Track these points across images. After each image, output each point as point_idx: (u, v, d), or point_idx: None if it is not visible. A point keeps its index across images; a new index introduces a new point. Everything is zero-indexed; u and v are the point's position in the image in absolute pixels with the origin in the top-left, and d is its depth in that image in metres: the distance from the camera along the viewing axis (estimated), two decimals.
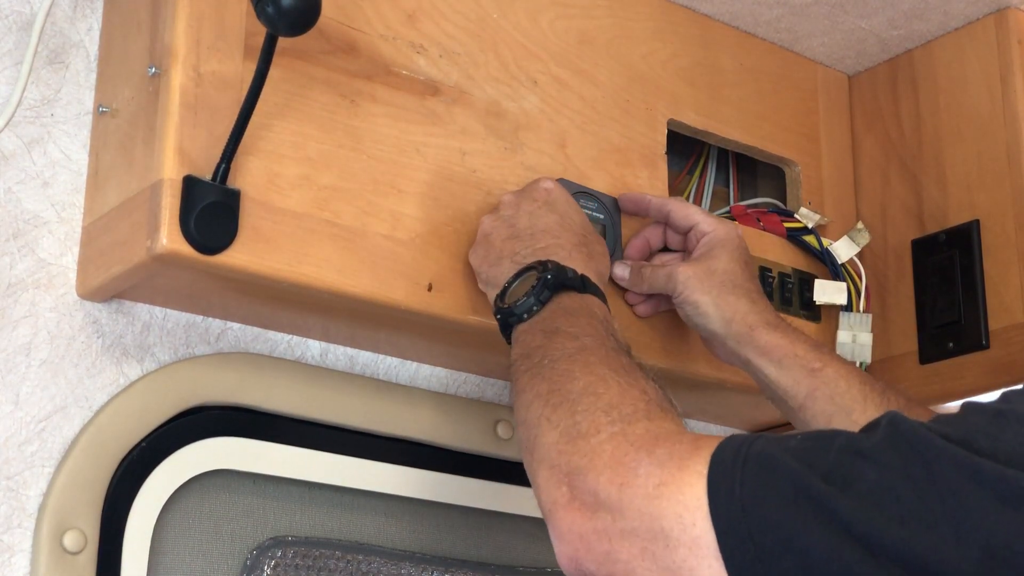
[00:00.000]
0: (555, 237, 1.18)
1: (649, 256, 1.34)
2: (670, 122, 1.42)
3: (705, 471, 0.86)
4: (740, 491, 0.84)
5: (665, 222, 1.32)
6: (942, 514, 0.80)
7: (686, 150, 1.54)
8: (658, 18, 1.45)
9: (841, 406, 1.21)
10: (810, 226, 1.49)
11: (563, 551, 0.92)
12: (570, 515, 0.91)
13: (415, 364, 1.36)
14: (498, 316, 1.13)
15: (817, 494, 0.82)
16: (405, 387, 1.34)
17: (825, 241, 1.49)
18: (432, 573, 1.33)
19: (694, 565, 0.85)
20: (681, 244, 1.32)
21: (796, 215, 1.49)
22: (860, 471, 0.83)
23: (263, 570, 1.24)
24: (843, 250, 1.49)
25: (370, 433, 1.31)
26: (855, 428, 1.12)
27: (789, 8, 1.48)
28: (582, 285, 1.13)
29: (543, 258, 1.15)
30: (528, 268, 1.14)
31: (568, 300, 1.11)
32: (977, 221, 1.44)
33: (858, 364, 1.46)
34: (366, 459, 1.30)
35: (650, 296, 1.31)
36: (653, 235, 1.34)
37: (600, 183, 1.34)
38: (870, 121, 1.57)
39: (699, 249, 1.29)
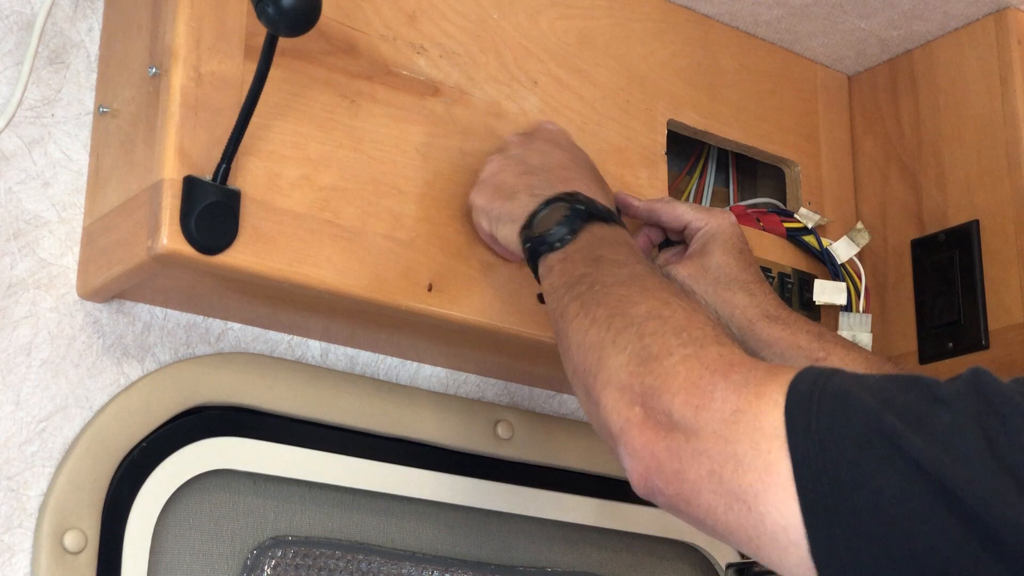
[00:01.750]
0: (571, 171, 1.18)
1: (654, 252, 1.34)
2: (670, 122, 1.42)
3: (782, 400, 0.86)
4: (816, 425, 0.84)
5: (657, 225, 1.32)
6: (1009, 464, 0.80)
7: (686, 150, 1.54)
8: (658, 18, 1.45)
9: None
10: (810, 226, 1.49)
11: (635, 468, 0.92)
12: (644, 434, 0.92)
13: (415, 364, 1.36)
14: (527, 244, 1.13)
15: (890, 431, 0.82)
16: (405, 387, 1.34)
17: (825, 241, 1.49)
18: (432, 573, 1.33)
19: (760, 490, 0.85)
20: (680, 237, 1.33)
21: (796, 215, 1.49)
22: (935, 413, 0.83)
23: (263, 570, 1.24)
24: (843, 250, 1.49)
25: (370, 433, 1.31)
26: None
27: (789, 8, 1.48)
28: (611, 217, 1.13)
29: (566, 189, 1.14)
30: (555, 199, 1.13)
31: (600, 230, 1.11)
32: (977, 221, 1.44)
33: None
34: (366, 459, 1.30)
35: None
36: (653, 232, 1.34)
37: None
38: (870, 121, 1.57)
39: (693, 246, 1.29)
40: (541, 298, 1.19)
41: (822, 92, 1.57)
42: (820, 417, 0.85)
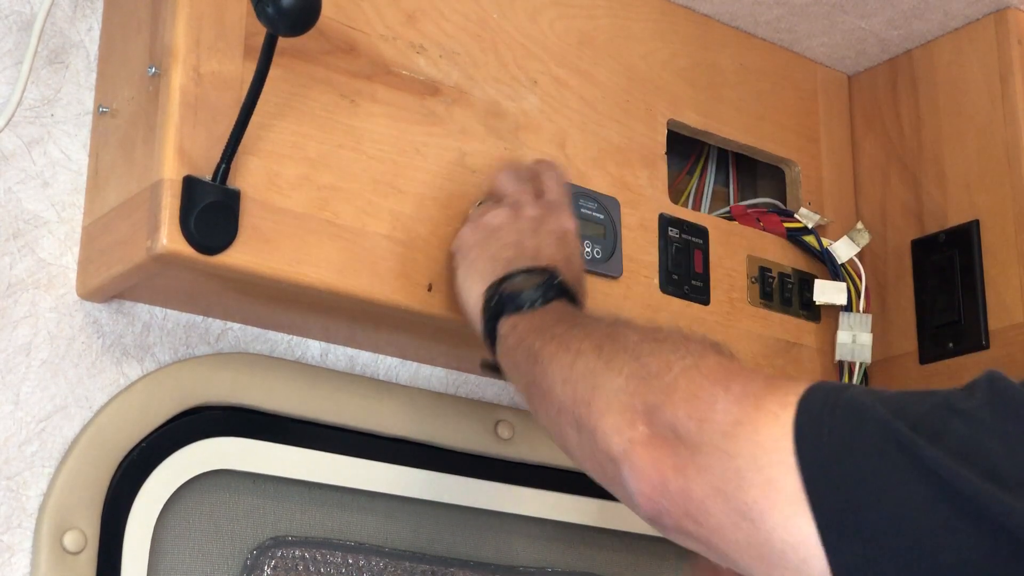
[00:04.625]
0: (556, 262, 1.15)
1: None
2: (670, 122, 1.42)
3: (782, 413, 0.85)
4: (829, 438, 0.83)
5: None
6: None
7: (686, 150, 1.54)
8: (658, 18, 1.45)
9: None
10: (810, 226, 1.49)
11: (641, 489, 0.90)
12: (649, 452, 0.90)
13: (415, 364, 1.36)
14: (492, 300, 1.11)
15: (908, 444, 0.80)
16: (405, 387, 1.34)
17: (825, 241, 1.49)
18: (432, 573, 1.33)
19: (765, 508, 0.83)
20: None
21: (796, 215, 1.49)
22: (951, 426, 0.81)
23: (263, 570, 1.24)
24: (843, 250, 1.49)
25: (370, 433, 1.31)
26: None
27: (789, 8, 1.48)
28: (581, 305, 1.12)
29: (547, 267, 1.13)
30: (535, 269, 1.12)
31: (571, 307, 1.10)
32: (977, 221, 1.44)
33: (858, 364, 1.46)
34: (366, 459, 1.30)
35: None
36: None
37: (600, 183, 1.34)
38: (870, 121, 1.57)
39: None
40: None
41: (822, 92, 1.57)
42: (833, 430, 0.83)
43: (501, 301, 1.11)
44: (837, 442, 0.83)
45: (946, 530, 0.79)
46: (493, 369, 1.13)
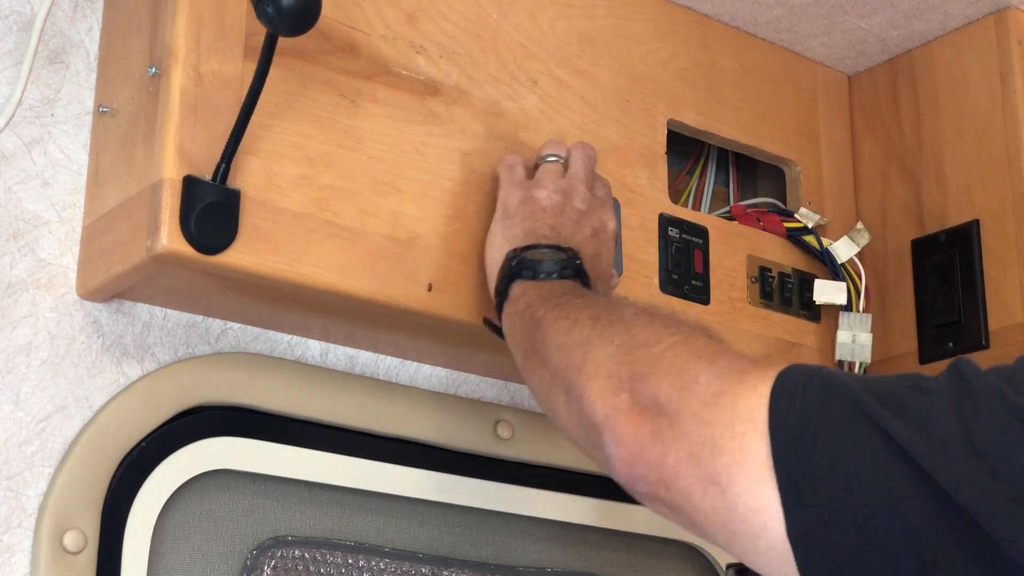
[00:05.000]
0: (583, 252, 1.18)
1: None
2: (670, 122, 1.42)
3: (761, 386, 0.87)
4: (801, 406, 0.85)
5: None
6: (982, 449, 0.80)
7: (686, 150, 1.54)
8: (658, 18, 1.45)
9: None
10: (810, 226, 1.49)
11: (619, 455, 0.93)
12: (631, 419, 0.93)
13: (415, 364, 1.36)
14: (513, 261, 1.15)
15: (871, 413, 0.83)
16: (405, 387, 1.34)
17: (825, 241, 1.49)
18: (432, 573, 1.33)
19: (734, 472, 0.86)
20: None
21: (796, 215, 1.49)
22: (914, 399, 0.84)
23: (263, 570, 1.24)
24: (843, 250, 1.49)
25: (370, 433, 1.31)
26: None
27: (789, 8, 1.48)
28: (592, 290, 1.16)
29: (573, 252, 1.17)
30: (561, 247, 1.16)
31: (583, 289, 1.14)
32: (977, 221, 1.44)
33: (858, 364, 1.46)
34: (366, 459, 1.30)
35: None
36: None
37: None
38: (870, 121, 1.57)
39: None
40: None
41: (822, 92, 1.57)
42: (804, 401, 0.86)
43: (520, 265, 1.15)
44: (806, 411, 0.85)
45: (899, 497, 0.81)
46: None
